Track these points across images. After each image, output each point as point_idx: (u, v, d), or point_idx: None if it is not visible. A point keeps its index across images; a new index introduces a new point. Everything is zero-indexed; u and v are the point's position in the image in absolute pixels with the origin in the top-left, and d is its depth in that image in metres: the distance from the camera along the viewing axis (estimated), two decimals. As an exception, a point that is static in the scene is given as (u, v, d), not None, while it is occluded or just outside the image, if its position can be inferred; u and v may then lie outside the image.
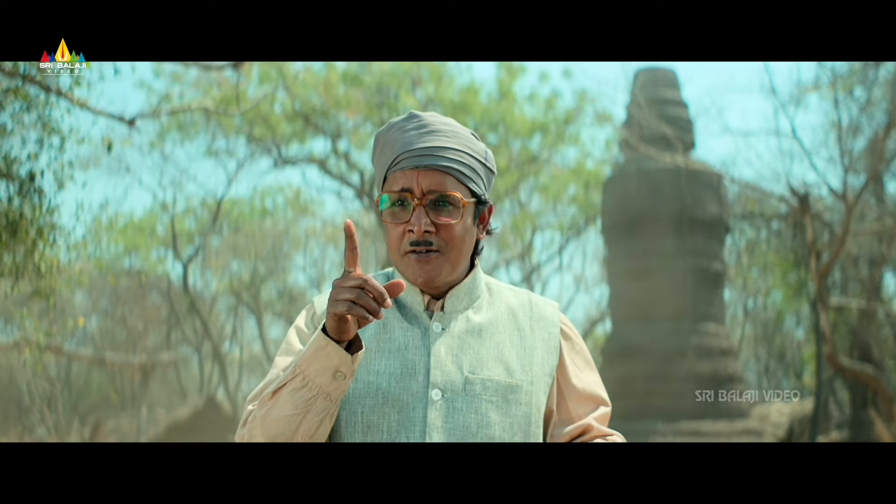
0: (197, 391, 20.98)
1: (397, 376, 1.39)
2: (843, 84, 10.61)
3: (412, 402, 1.38)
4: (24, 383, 14.21)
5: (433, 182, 1.39)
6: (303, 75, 13.72)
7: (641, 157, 12.51)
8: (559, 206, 19.78)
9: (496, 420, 1.39)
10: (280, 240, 20.73)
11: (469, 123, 15.73)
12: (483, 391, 1.40)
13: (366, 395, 1.39)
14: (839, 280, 13.86)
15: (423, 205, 1.39)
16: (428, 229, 1.38)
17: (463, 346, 1.43)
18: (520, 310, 1.50)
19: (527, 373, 1.44)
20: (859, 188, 10.28)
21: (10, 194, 5.08)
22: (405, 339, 1.42)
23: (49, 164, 5.21)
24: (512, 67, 15.89)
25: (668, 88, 13.45)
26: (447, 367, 1.40)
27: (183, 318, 19.37)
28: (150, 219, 19.39)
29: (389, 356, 1.41)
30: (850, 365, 10.17)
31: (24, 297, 7.17)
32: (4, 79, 5.11)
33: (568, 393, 1.49)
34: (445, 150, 1.41)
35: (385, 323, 1.43)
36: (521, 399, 1.42)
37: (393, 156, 1.42)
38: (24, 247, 5.07)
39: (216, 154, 15.98)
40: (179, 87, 13.58)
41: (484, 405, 1.39)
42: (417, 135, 1.42)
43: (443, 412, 1.38)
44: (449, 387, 1.39)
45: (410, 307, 1.45)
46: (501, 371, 1.42)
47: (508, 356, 1.44)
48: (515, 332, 1.47)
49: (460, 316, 1.45)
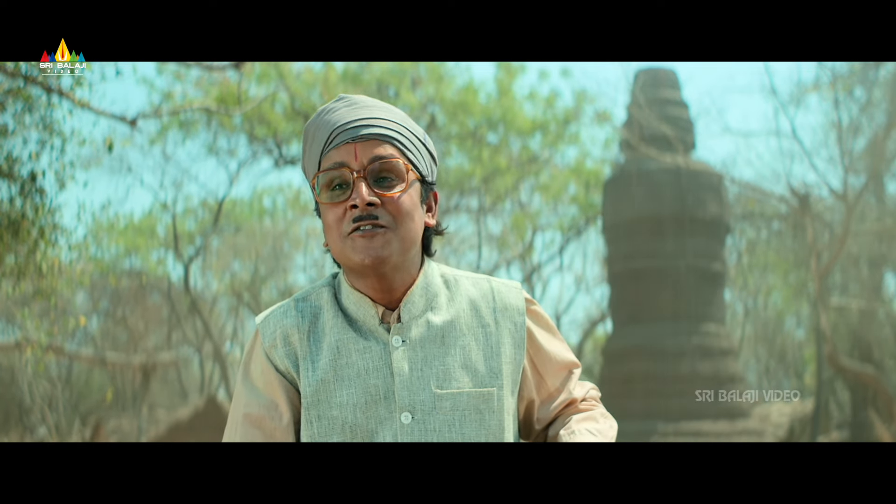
0: (198, 392, 20.99)
1: (362, 406, 1.30)
2: (843, 84, 10.61)
3: (380, 429, 1.29)
4: (25, 383, 14.22)
5: (372, 152, 1.29)
6: (303, 75, 13.73)
7: (642, 157, 12.52)
8: (559, 206, 19.78)
9: (471, 435, 1.32)
10: (280, 240, 20.74)
11: (469, 123, 15.74)
12: (454, 406, 1.31)
13: (331, 432, 1.30)
14: (840, 280, 13.86)
15: (364, 177, 1.28)
16: (372, 201, 1.27)
17: (427, 357, 1.33)
18: (482, 302, 1.39)
19: (496, 377, 1.36)
20: (859, 188, 10.27)
21: (11, 195, 5.09)
22: (364, 362, 1.31)
23: (50, 165, 5.22)
24: (511, 67, 15.89)
25: (668, 89, 13.46)
26: (413, 387, 1.31)
27: (184, 318, 19.38)
28: (151, 219, 19.41)
29: (350, 384, 1.30)
30: (850, 365, 10.17)
31: (26, 298, 7.18)
32: (6, 79, 5.12)
33: (545, 370, 1.44)
34: (381, 120, 1.31)
35: (340, 346, 1.32)
36: (494, 406, 1.34)
37: (326, 135, 1.31)
38: (25, 247, 5.08)
39: (217, 153, 15.99)
40: (181, 87, 13.61)
41: (457, 422, 1.31)
42: (350, 110, 1.32)
43: (414, 433, 1.30)
44: (418, 407, 1.30)
45: (364, 323, 1.34)
46: (470, 380, 1.33)
47: (476, 361, 1.35)
48: (480, 330, 1.37)
49: (419, 322, 1.35)
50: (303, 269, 22.19)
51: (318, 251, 21.85)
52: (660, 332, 11.99)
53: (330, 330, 1.34)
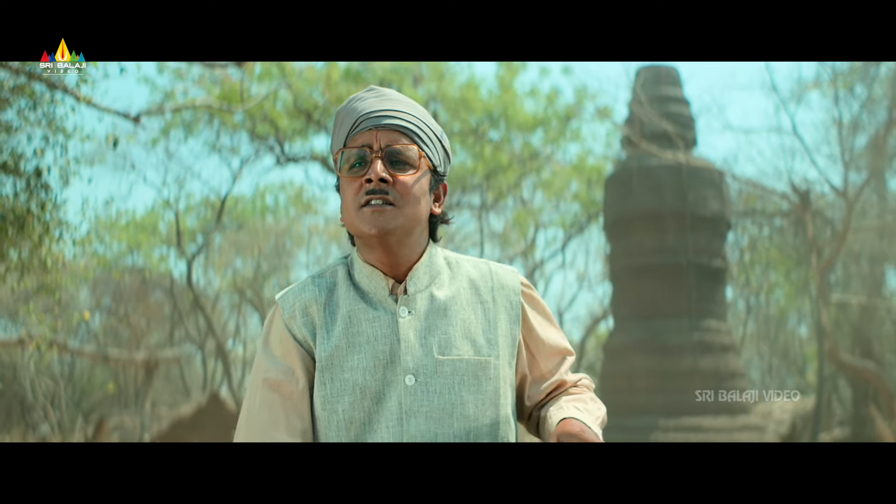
0: (200, 389, 21.03)
1: (371, 369, 1.43)
2: (843, 81, 10.61)
3: (387, 392, 1.43)
4: (27, 381, 14.24)
5: (391, 138, 1.45)
6: (305, 72, 13.74)
7: (643, 154, 12.53)
8: (561, 203, 19.78)
9: (469, 399, 1.45)
10: (283, 237, 20.77)
11: (471, 120, 15.75)
12: (454, 371, 1.45)
13: (343, 393, 1.43)
14: (842, 277, 13.86)
15: (381, 158, 1.44)
16: (384, 177, 1.42)
17: (430, 327, 1.47)
18: (481, 281, 1.55)
19: (493, 347, 1.50)
20: (860, 185, 10.28)
21: (16, 190, 5.13)
22: (373, 330, 1.46)
23: (55, 161, 5.26)
24: (512, 64, 15.89)
25: (669, 86, 13.45)
26: (417, 352, 1.45)
27: (186, 315, 19.41)
28: (153, 217, 19.43)
29: (360, 350, 1.45)
30: (850, 361, 10.18)
31: (30, 293, 7.23)
32: (11, 77, 5.15)
33: (538, 352, 1.56)
34: (403, 113, 1.48)
35: (352, 316, 1.47)
36: (490, 374, 1.48)
37: (353, 120, 1.47)
38: (30, 242, 5.12)
39: (219, 150, 16.01)
40: (183, 85, 13.62)
41: (457, 385, 1.45)
42: (377, 101, 1.49)
43: (418, 396, 1.43)
44: (421, 371, 1.44)
45: (375, 294, 1.49)
46: (469, 348, 1.47)
47: (475, 332, 1.49)
48: (479, 306, 1.52)
49: (424, 295, 1.49)
50: (305, 266, 22.23)
51: (320, 248, 21.90)
52: (661, 328, 12.01)
53: (343, 302, 1.49)
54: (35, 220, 5.08)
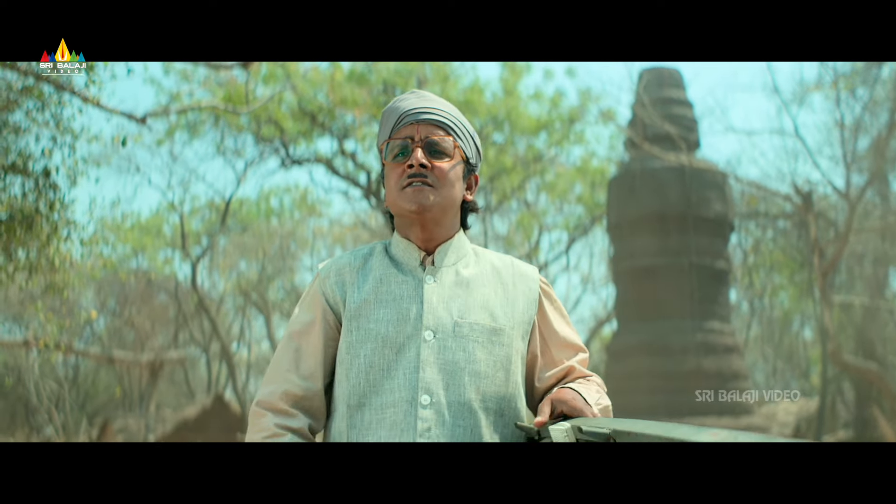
0: (205, 391, 21.07)
1: (394, 322, 1.59)
2: (845, 83, 10.63)
3: (407, 343, 1.58)
4: (31, 383, 14.28)
5: (430, 131, 1.65)
6: (309, 74, 13.80)
7: (646, 155, 12.56)
8: (565, 205, 19.80)
9: (481, 357, 1.59)
10: (287, 240, 20.82)
11: (475, 122, 15.80)
12: (470, 332, 1.59)
13: (367, 340, 1.59)
14: (845, 279, 13.85)
15: (421, 147, 1.63)
16: (424, 163, 1.62)
17: (452, 295, 1.63)
18: (503, 268, 1.71)
19: (509, 319, 1.64)
20: (863, 186, 10.28)
21: (24, 190, 5.19)
22: (401, 290, 1.62)
23: (63, 161, 5.32)
24: (516, 67, 15.93)
25: (672, 88, 13.49)
26: (438, 313, 1.60)
27: (191, 318, 19.46)
28: (158, 219, 19.50)
29: (387, 306, 1.61)
30: (854, 363, 10.18)
31: (38, 293, 7.28)
32: (20, 78, 5.20)
33: (551, 340, 1.69)
34: (440, 111, 1.67)
35: (383, 278, 1.64)
36: (504, 341, 1.62)
37: (396, 117, 1.67)
38: (38, 242, 5.17)
39: (224, 153, 16.07)
40: (188, 86, 13.68)
41: (471, 344, 1.59)
42: (417, 100, 1.69)
43: (434, 350, 1.57)
44: (440, 328, 1.59)
45: (406, 263, 1.67)
46: (486, 317, 1.62)
47: (493, 304, 1.64)
48: (499, 286, 1.68)
49: (450, 270, 1.66)
50: (309, 269, 22.27)
51: (324, 251, 21.93)
52: (664, 330, 12.02)
53: (377, 267, 1.67)
54: (43, 220, 5.14)
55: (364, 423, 1.56)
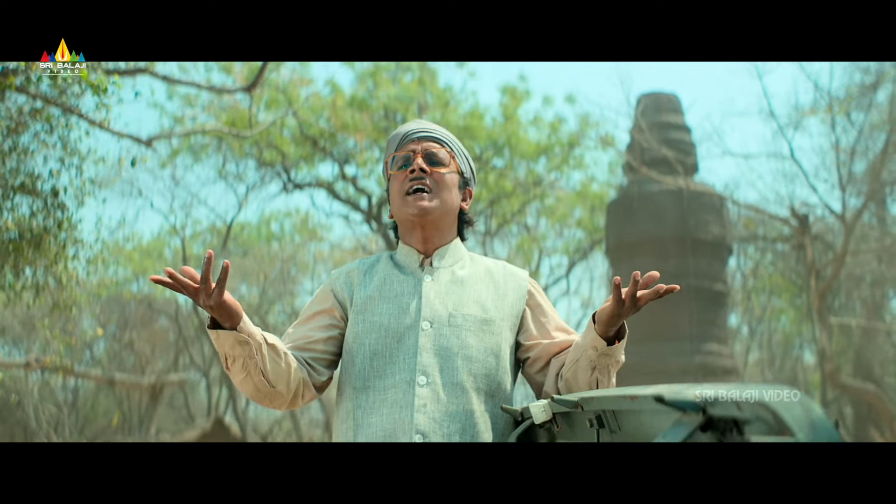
0: (204, 415, 21.00)
1: (395, 314, 1.81)
2: (840, 107, 10.76)
3: (407, 333, 1.79)
4: (31, 407, 14.25)
5: (429, 145, 1.90)
6: (311, 100, 13.97)
7: (644, 179, 12.66)
8: (565, 229, 19.88)
9: (473, 344, 1.79)
10: (288, 264, 20.88)
11: (475, 148, 15.93)
12: (463, 322, 1.80)
13: (371, 331, 1.81)
14: (844, 301, 13.89)
15: (421, 156, 1.88)
16: (423, 167, 1.86)
17: (448, 291, 1.85)
18: (495, 269, 1.94)
19: (499, 311, 1.85)
20: (858, 209, 10.37)
21: (33, 210, 5.31)
22: (402, 287, 1.85)
23: (71, 182, 5.46)
24: (516, 92, 16.11)
25: (670, 113, 13.64)
26: (435, 306, 1.82)
27: (191, 342, 19.47)
28: (159, 243, 19.59)
29: (389, 301, 1.84)
30: (851, 384, 10.20)
31: (45, 312, 7.35)
32: (28, 101, 5.32)
33: (548, 324, 1.91)
34: (437, 130, 1.94)
35: (386, 278, 1.88)
36: (494, 330, 1.83)
37: (400, 137, 1.93)
38: (45, 260, 5.27)
39: (226, 177, 16.19)
40: (191, 111, 13.84)
41: (464, 333, 1.80)
42: (418, 124, 1.95)
43: (431, 337, 1.78)
44: (436, 319, 1.80)
45: (408, 266, 1.90)
46: (478, 309, 1.84)
47: (484, 299, 1.86)
48: (491, 283, 1.90)
49: (447, 270, 1.88)
50: (310, 293, 22.30)
51: (325, 275, 21.98)
52: (663, 352, 12.05)
53: (381, 270, 1.90)
54: (51, 239, 5.25)
55: (368, 402, 1.75)
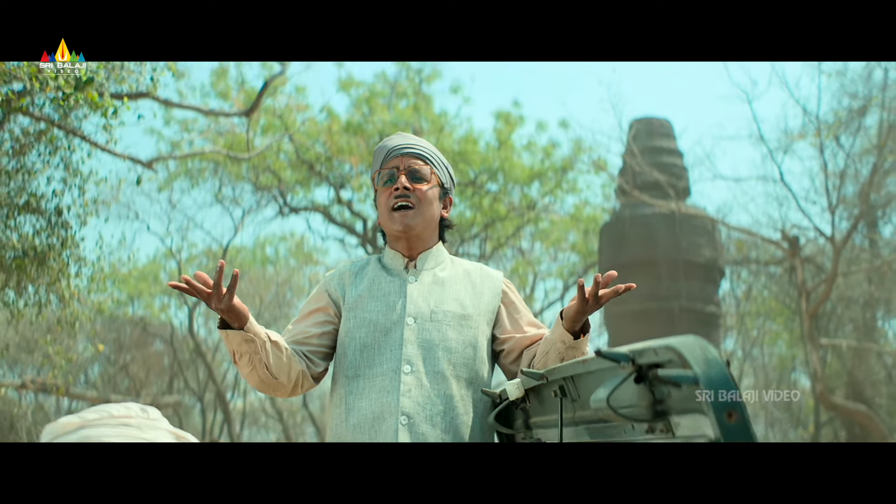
0: (199, 439, 20.88)
1: (383, 311, 2.03)
2: (828, 131, 10.94)
3: (393, 328, 2.00)
4: (24, 431, 14.21)
5: (411, 162, 2.09)
6: (307, 125, 14.14)
7: (637, 202, 12.80)
8: (560, 253, 19.99)
9: (452, 337, 2.00)
10: (283, 288, 20.93)
11: (468, 173, 16.09)
12: (444, 318, 2.02)
13: (361, 326, 2.03)
14: (837, 322, 13.97)
15: (405, 174, 2.07)
16: (407, 185, 2.06)
17: (430, 291, 2.06)
18: (473, 271, 2.17)
19: (476, 308, 2.07)
20: (847, 232, 10.50)
21: (36, 229, 5.44)
22: (389, 288, 2.07)
23: (74, 201, 5.61)
24: (510, 118, 16.30)
25: (662, 137, 13.81)
26: (418, 304, 2.04)
27: (185, 366, 19.44)
28: (155, 266, 19.63)
29: (378, 300, 2.05)
30: (843, 404, 10.26)
31: (45, 329, 7.43)
32: (32, 123, 5.44)
33: (520, 319, 2.12)
34: (418, 146, 2.12)
35: (375, 279, 2.10)
36: (471, 324, 2.05)
37: (385, 152, 2.11)
38: (48, 278, 5.38)
39: (222, 201, 16.30)
40: (188, 136, 13.98)
41: (444, 327, 2.01)
42: (401, 139, 2.15)
43: (415, 331, 2.00)
44: (419, 315, 2.02)
45: (394, 268, 2.12)
46: (457, 306, 2.05)
47: (463, 298, 2.07)
48: (469, 284, 2.11)
49: (429, 272, 2.10)
50: (305, 316, 22.34)
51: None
52: (656, 374, 12.07)
53: (370, 272, 2.11)
54: (55, 256, 5.38)
55: (359, 388, 1.96)
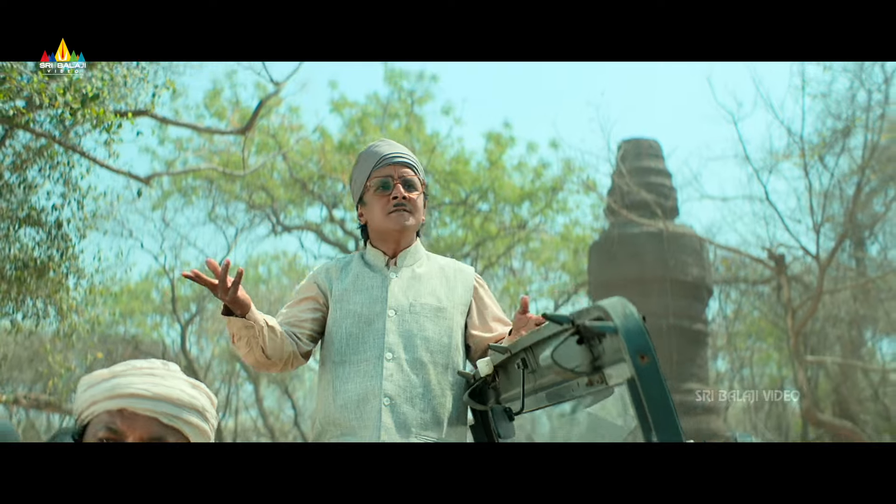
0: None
1: (367, 304, 2.25)
2: (813, 152, 11.15)
3: (376, 319, 2.22)
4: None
5: (403, 171, 2.33)
6: (300, 144, 14.29)
7: (625, 222, 12.97)
8: (550, 273, 20.13)
9: (429, 327, 2.23)
10: (276, 306, 20.96)
11: (460, 192, 16.26)
12: (421, 310, 2.25)
13: (347, 317, 2.24)
14: (824, 340, 14.11)
15: (399, 183, 2.31)
16: (405, 195, 2.30)
17: (409, 286, 2.29)
18: (447, 266, 2.40)
19: (450, 300, 2.30)
20: (832, 251, 10.67)
21: (37, 241, 5.55)
22: (372, 282, 2.29)
23: (73, 215, 5.73)
24: (501, 139, 16.49)
25: (650, 158, 14.01)
26: (398, 297, 2.26)
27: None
28: (147, 284, 19.66)
29: (362, 293, 2.27)
30: (828, 421, 10.37)
31: (43, 342, 7.49)
32: (33, 140, 5.57)
33: (488, 316, 2.35)
34: (407, 155, 2.37)
35: (359, 274, 2.31)
36: (447, 315, 2.28)
37: (375, 159, 2.33)
38: (47, 290, 5.49)
39: (216, 219, 16.40)
40: (183, 154, 14.11)
41: (422, 318, 2.24)
42: (388, 147, 2.37)
43: (395, 322, 2.22)
44: (399, 308, 2.24)
45: (376, 265, 2.33)
46: (433, 299, 2.28)
47: (439, 292, 2.30)
48: (443, 278, 2.34)
49: (408, 269, 2.32)
50: (297, 335, 22.32)
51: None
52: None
53: (354, 268, 2.33)
54: (54, 268, 5.50)
55: (345, 373, 2.17)
